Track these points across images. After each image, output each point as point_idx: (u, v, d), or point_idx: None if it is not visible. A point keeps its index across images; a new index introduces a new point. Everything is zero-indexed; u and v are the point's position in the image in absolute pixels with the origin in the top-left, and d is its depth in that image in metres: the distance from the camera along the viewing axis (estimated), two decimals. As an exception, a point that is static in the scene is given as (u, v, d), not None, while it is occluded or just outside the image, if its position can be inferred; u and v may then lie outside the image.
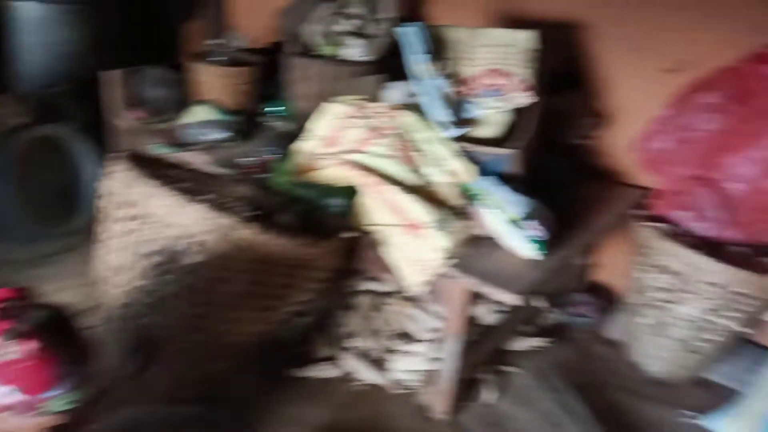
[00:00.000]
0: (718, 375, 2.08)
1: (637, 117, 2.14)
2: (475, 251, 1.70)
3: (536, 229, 1.65)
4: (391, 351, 1.99)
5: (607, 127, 2.28)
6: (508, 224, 1.66)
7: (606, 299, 2.37)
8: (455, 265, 1.63)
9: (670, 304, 1.91)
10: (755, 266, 1.81)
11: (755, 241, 1.88)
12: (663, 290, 1.92)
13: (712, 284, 1.79)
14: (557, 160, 2.04)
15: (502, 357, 2.09)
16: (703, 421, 1.90)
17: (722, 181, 1.90)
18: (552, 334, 2.23)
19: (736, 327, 1.86)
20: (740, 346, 2.05)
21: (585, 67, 2.26)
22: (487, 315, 2.05)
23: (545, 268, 1.66)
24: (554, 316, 2.29)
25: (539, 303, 2.11)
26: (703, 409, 1.93)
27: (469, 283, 1.60)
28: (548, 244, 1.66)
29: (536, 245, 1.65)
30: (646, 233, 1.95)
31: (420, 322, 2.00)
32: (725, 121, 1.84)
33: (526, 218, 1.65)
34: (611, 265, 2.41)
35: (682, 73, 2.02)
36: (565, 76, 2.25)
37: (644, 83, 2.14)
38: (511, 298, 1.53)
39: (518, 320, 2.12)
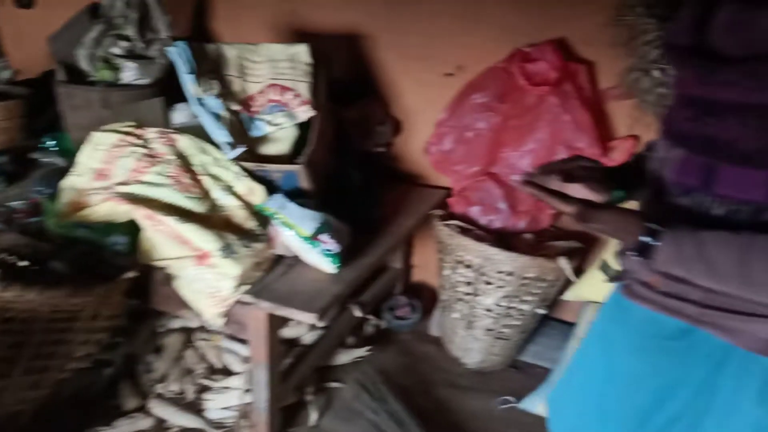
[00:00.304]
0: (531, 356, 2.21)
1: (426, 121, 2.21)
2: (276, 273, 1.65)
3: (329, 243, 1.62)
4: (205, 389, 1.87)
5: (403, 132, 2.34)
6: (303, 241, 1.62)
7: (427, 299, 2.43)
8: (252, 291, 1.56)
9: (473, 296, 1.99)
10: (541, 251, 1.94)
11: (539, 228, 2.02)
12: (466, 284, 2.00)
13: (505, 273, 1.89)
14: (356, 170, 2.04)
15: (325, 374, 2.05)
16: (521, 405, 2.00)
17: (503, 174, 2.02)
18: (375, 342, 2.23)
19: (534, 309, 1.99)
20: (546, 325, 2.20)
21: (375, 76, 2.30)
22: (305, 335, 2.01)
23: (345, 280, 1.64)
24: (377, 323, 2.30)
25: (359, 312, 2.11)
26: (521, 391, 2.03)
27: (267, 307, 1.54)
28: (343, 257, 1.64)
29: (331, 259, 1.62)
30: (445, 231, 2.01)
31: (234, 354, 1.90)
32: (498, 118, 1.96)
33: (319, 233, 1.62)
34: (427, 265, 2.48)
35: (462, 77, 2.13)
36: (356, 85, 2.27)
37: (429, 88, 2.21)
38: (310, 318, 1.49)
39: (339, 334, 2.09)
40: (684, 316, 0.92)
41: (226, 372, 1.89)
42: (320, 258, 1.63)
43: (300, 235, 1.62)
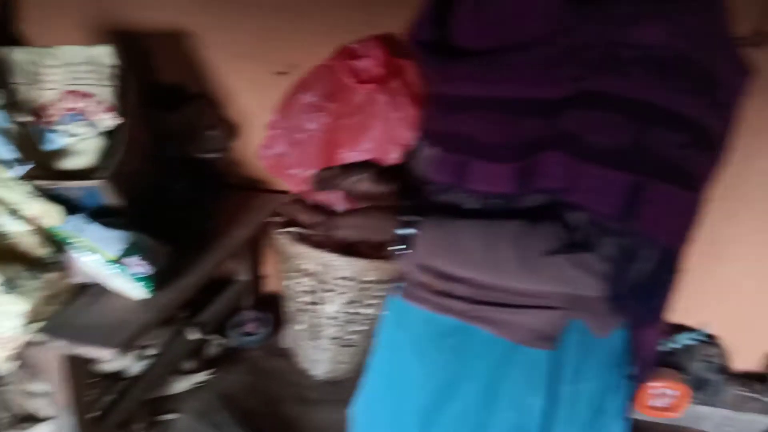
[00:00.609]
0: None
1: (263, 124, 2.08)
2: (78, 305, 1.46)
3: (140, 265, 1.47)
4: (11, 441, 1.65)
5: (241, 136, 2.21)
6: (108, 266, 1.45)
7: (279, 310, 2.31)
8: (46, 328, 1.37)
9: (316, 305, 1.90)
10: (383, 253, 1.88)
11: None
12: (308, 293, 1.90)
13: (345, 278, 1.82)
14: (180, 180, 1.88)
15: (159, 406, 1.88)
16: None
17: (343, 175, 1.94)
18: (220, 363, 2.08)
19: (378, 313, 1.93)
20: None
21: (204, 77, 2.15)
22: (131, 366, 1.83)
23: (159, 306, 1.48)
24: (222, 342, 2.16)
25: (197, 334, 1.95)
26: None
27: (60, 346, 1.36)
28: (159, 279, 1.49)
29: (143, 283, 1.47)
30: (283, 239, 1.90)
31: (43, 398, 1.69)
32: (328, 118, 1.87)
33: (127, 255, 1.46)
34: (279, 275, 2.36)
35: (296, 75, 2.02)
36: (182, 88, 2.11)
37: (264, 88, 2.09)
38: (108, 354, 1.33)
39: (172, 361, 1.93)
40: (455, 313, 0.90)
41: (35, 419, 1.67)
42: (129, 283, 1.47)
43: (105, 259, 1.45)
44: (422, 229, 0.85)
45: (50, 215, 1.51)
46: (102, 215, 1.54)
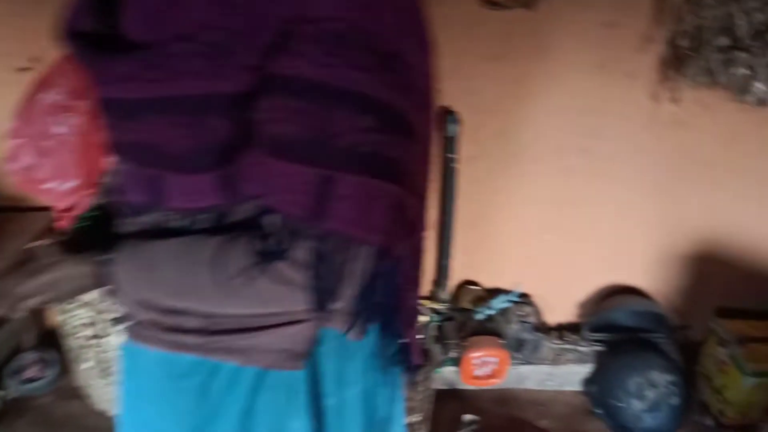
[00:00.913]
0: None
1: (4, 132, 1.75)
2: None
3: None
4: None
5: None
6: None
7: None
8: None
9: (100, 338, 1.65)
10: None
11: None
12: (88, 326, 1.64)
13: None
14: None
15: None
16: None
17: (115, 183, 1.69)
18: (-3, 420, 1.76)
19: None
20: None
21: None
22: None
23: None
24: (-3, 396, 1.82)
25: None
26: None
27: None
28: None
29: None
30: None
31: None
32: (81, 119, 1.59)
33: None
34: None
35: (39, 71, 1.71)
36: None
37: (3, 89, 1.75)
38: None
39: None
40: (190, 349, 0.75)
41: None
42: None
43: None
44: (118, 262, 0.71)
45: None
46: None
